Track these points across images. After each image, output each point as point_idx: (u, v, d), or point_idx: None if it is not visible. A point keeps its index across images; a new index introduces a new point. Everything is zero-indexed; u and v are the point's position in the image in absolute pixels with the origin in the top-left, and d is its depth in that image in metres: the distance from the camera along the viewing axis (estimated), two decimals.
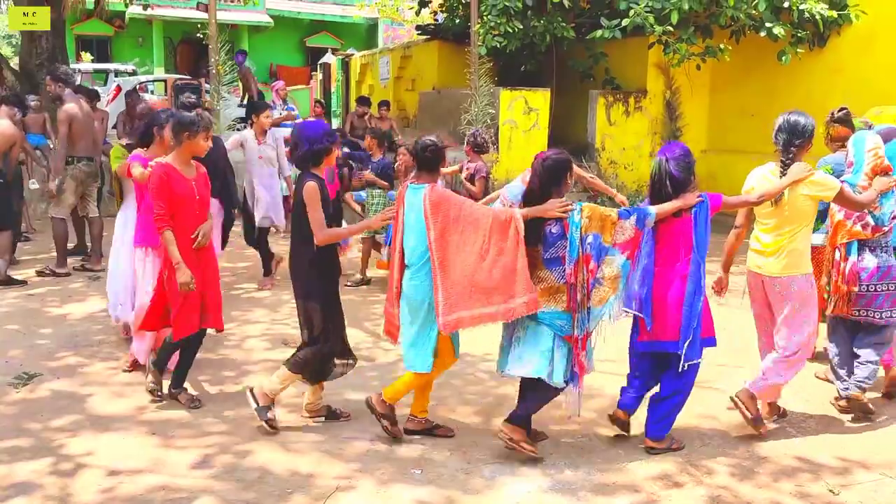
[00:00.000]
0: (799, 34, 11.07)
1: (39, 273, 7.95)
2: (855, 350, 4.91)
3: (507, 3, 11.53)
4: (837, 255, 4.93)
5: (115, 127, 12.29)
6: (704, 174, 4.32)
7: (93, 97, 9.48)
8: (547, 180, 4.13)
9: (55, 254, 8.14)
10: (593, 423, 4.68)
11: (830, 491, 3.98)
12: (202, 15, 15.83)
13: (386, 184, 7.96)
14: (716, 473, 4.13)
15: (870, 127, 5.89)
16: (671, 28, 10.77)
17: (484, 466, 4.14)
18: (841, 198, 4.49)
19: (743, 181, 4.71)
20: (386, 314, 4.51)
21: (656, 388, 4.43)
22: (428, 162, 4.32)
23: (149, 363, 5.02)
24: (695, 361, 4.24)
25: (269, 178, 7.77)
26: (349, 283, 7.83)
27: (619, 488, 3.96)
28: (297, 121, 11.70)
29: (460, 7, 15.17)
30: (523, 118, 12.29)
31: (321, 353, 4.47)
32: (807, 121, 4.42)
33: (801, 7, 10.64)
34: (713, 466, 4.20)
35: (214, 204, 5.96)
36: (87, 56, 26.10)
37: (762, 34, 10.91)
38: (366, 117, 13.05)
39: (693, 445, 4.45)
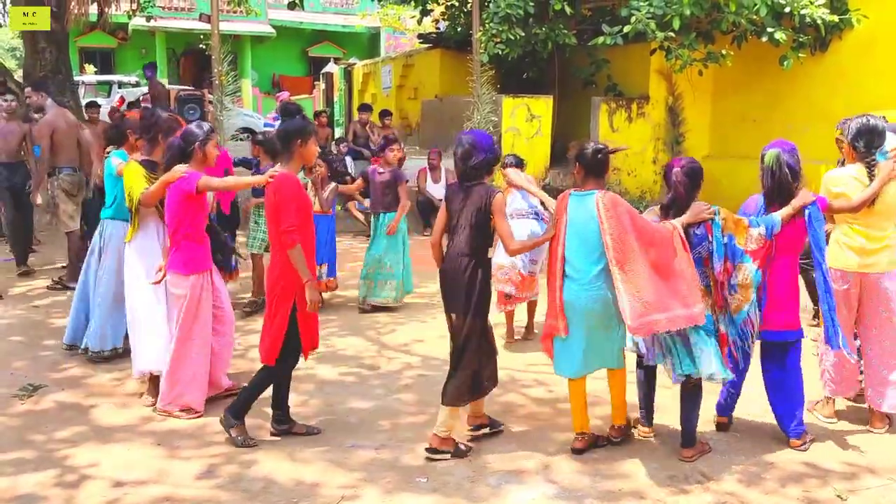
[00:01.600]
0: (800, 39, 11.07)
1: (51, 287, 7.96)
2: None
3: (508, 11, 11.56)
4: None
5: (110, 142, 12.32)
6: (708, 180, 4.32)
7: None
8: (690, 186, 4.27)
9: (63, 265, 8.17)
10: (598, 430, 4.66)
11: (838, 496, 3.95)
12: (205, 26, 15.87)
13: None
14: (723, 479, 4.11)
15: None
16: (673, 34, 10.78)
17: (489, 474, 4.13)
18: None
19: (746, 186, 4.72)
20: (549, 329, 4.35)
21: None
22: (596, 167, 4.28)
23: (226, 419, 4.45)
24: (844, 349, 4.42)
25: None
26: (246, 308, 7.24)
27: (626, 495, 3.94)
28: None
29: (462, 15, 15.21)
30: (526, 125, 12.31)
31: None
32: (882, 122, 4.65)
33: (803, 12, 10.64)
34: (720, 472, 4.18)
35: None
36: (90, 68, 26.21)
37: (764, 39, 10.91)
38: (367, 126, 13.08)
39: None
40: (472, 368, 4.30)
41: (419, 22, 17.11)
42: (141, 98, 16.43)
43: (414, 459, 4.28)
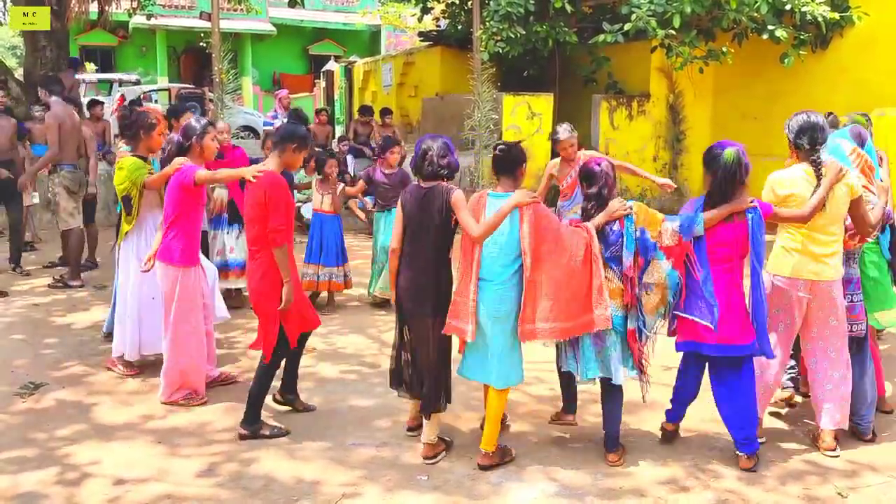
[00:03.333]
0: (801, 36, 11.07)
1: (52, 285, 7.97)
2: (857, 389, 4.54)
3: (509, 9, 11.55)
4: None
5: (117, 136, 12.34)
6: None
7: (76, 105, 9.40)
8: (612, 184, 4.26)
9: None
10: (599, 428, 4.66)
11: (839, 494, 3.96)
12: (205, 24, 15.88)
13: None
14: (723, 477, 4.12)
15: (868, 121, 5.90)
16: (673, 32, 10.78)
17: (490, 473, 4.13)
18: (857, 206, 4.30)
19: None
20: (452, 330, 4.17)
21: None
22: (506, 165, 4.20)
23: (249, 427, 4.52)
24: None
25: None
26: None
27: (626, 493, 3.94)
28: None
29: (462, 13, 15.20)
30: (526, 123, 12.30)
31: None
32: (824, 119, 4.36)
33: (804, 9, 10.64)
34: (720, 470, 4.19)
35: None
36: (90, 66, 26.20)
37: (765, 37, 10.92)
38: (370, 123, 13.10)
39: (700, 449, 4.43)
40: (443, 369, 4.28)
41: (420, 20, 17.08)
42: (142, 95, 16.41)
43: (414, 457, 4.28)
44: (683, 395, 4.45)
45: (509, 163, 4.19)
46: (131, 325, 5.43)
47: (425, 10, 16.02)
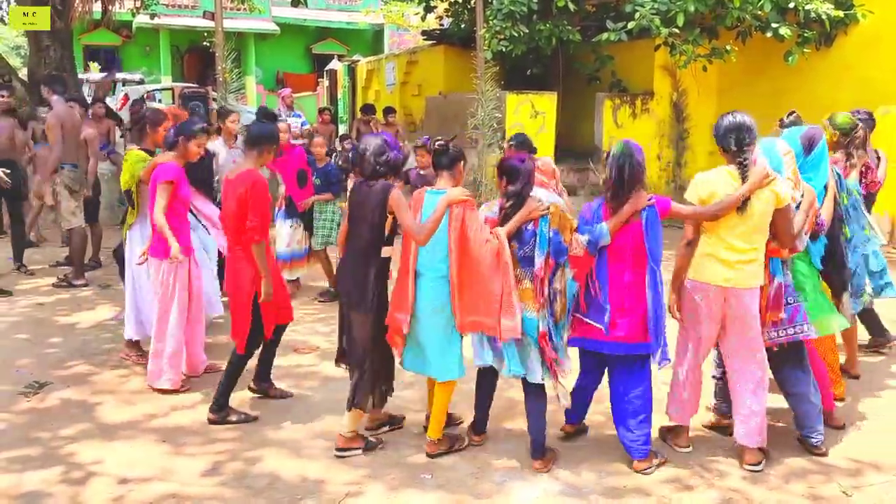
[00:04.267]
0: (805, 34, 11.04)
1: (56, 284, 7.98)
2: (796, 394, 4.37)
3: (512, 8, 11.55)
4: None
5: (122, 136, 12.35)
6: None
7: (83, 105, 9.43)
8: (528, 181, 4.12)
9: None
10: (602, 427, 4.66)
11: (843, 492, 3.95)
12: (209, 23, 15.86)
13: (329, 195, 7.56)
14: (727, 476, 4.11)
15: (871, 119, 5.88)
16: (677, 30, 10.76)
17: (494, 471, 4.13)
18: (782, 215, 4.07)
19: None
20: (393, 322, 4.25)
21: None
22: (444, 161, 4.24)
23: (218, 412, 4.72)
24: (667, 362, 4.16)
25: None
26: (321, 298, 7.64)
27: (630, 492, 3.94)
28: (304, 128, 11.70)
29: (465, 12, 15.20)
30: (530, 122, 12.29)
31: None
32: (750, 117, 4.13)
33: (808, 7, 10.61)
34: (724, 469, 4.18)
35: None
36: (94, 66, 26.23)
37: (768, 35, 10.89)
38: (371, 123, 13.08)
39: (703, 448, 4.42)
40: (374, 369, 4.29)
41: (423, 19, 17.09)
42: (145, 95, 16.45)
43: (418, 456, 4.29)
44: (582, 395, 4.42)
45: (447, 159, 4.23)
46: (136, 307, 5.71)
47: (428, 9, 16.01)
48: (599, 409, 4.72)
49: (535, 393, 4.17)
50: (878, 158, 5.95)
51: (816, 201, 4.35)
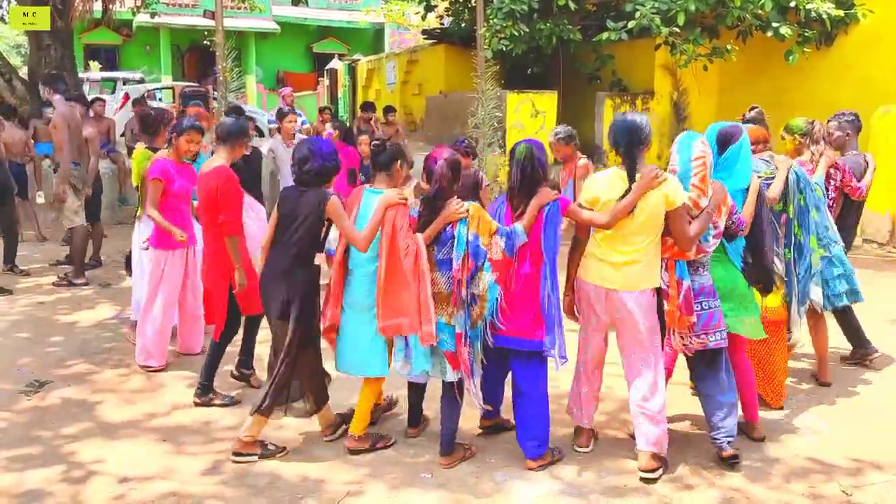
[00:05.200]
0: (806, 34, 11.04)
1: (57, 283, 7.98)
2: (707, 395, 4.25)
3: (512, 7, 11.55)
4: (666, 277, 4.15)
5: (122, 135, 12.36)
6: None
7: (84, 104, 9.43)
8: (452, 179, 4.09)
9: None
10: (603, 426, 4.67)
11: (843, 492, 3.95)
12: (209, 22, 15.89)
13: None
14: (728, 475, 4.11)
15: (857, 120, 5.68)
16: (678, 29, 10.76)
17: (494, 470, 4.13)
18: (677, 215, 3.94)
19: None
20: (331, 316, 4.28)
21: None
22: (381, 162, 4.25)
23: (203, 396, 4.97)
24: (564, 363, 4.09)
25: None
26: None
27: (631, 491, 3.94)
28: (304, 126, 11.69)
29: (466, 11, 15.21)
30: (531, 121, 12.30)
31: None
32: (643, 119, 4.07)
33: (808, 6, 10.61)
34: (725, 468, 4.18)
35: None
36: (95, 65, 26.24)
37: (769, 34, 10.89)
38: (371, 121, 13.07)
39: (704, 448, 4.42)
40: (285, 378, 4.26)
41: (423, 18, 17.09)
42: (146, 94, 16.44)
43: (419, 455, 4.29)
44: (491, 394, 4.36)
45: (385, 159, 4.24)
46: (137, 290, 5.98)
47: (429, 8, 16.02)
48: (600, 408, 4.72)
49: (449, 395, 4.15)
50: (866, 163, 5.71)
51: (728, 201, 4.12)
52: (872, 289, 7.79)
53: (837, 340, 5.73)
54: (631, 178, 3.96)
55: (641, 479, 4.03)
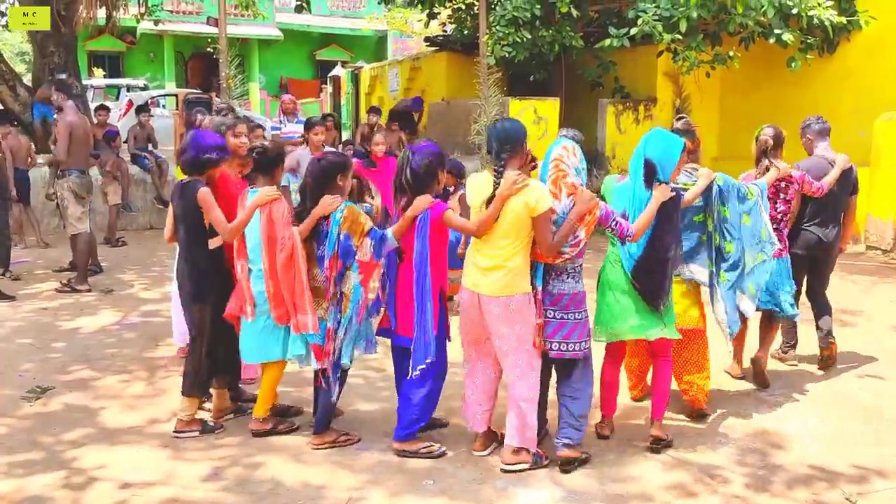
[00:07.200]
0: (808, 41, 11.05)
1: (60, 289, 7.99)
2: (560, 395, 4.29)
3: (515, 14, 11.58)
4: None
5: (126, 142, 12.39)
6: None
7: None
8: (321, 180, 4.27)
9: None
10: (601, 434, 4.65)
11: (847, 499, 3.93)
12: (213, 30, 15.91)
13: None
14: (730, 482, 4.10)
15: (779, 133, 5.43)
16: (680, 36, 10.77)
17: (496, 477, 4.12)
18: (541, 222, 3.93)
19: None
20: (238, 313, 4.49)
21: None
22: (261, 166, 4.44)
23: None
24: (429, 361, 4.17)
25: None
26: None
27: (633, 498, 3.93)
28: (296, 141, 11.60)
29: (469, 18, 15.24)
30: (533, 128, 12.30)
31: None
32: (515, 125, 4.17)
33: (811, 13, 10.62)
34: (727, 475, 4.17)
35: None
36: (98, 72, 26.34)
37: (771, 41, 10.90)
38: (374, 127, 13.07)
39: (707, 454, 4.41)
40: (197, 357, 4.56)
41: (426, 25, 17.15)
42: (149, 101, 16.49)
43: (421, 462, 4.28)
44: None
45: (265, 163, 4.45)
46: (177, 314, 5.64)
47: (431, 16, 16.07)
48: (599, 416, 4.71)
49: (319, 382, 4.40)
50: (831, 164, 5.54)
51: (596, 212, 4.03)
52: (875, 295, 7.79)
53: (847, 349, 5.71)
54: (496, 184, 3.98)
55: (502, 470, 4.13)
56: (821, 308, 5.79)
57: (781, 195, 5.34)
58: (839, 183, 5.52)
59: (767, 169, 5.22)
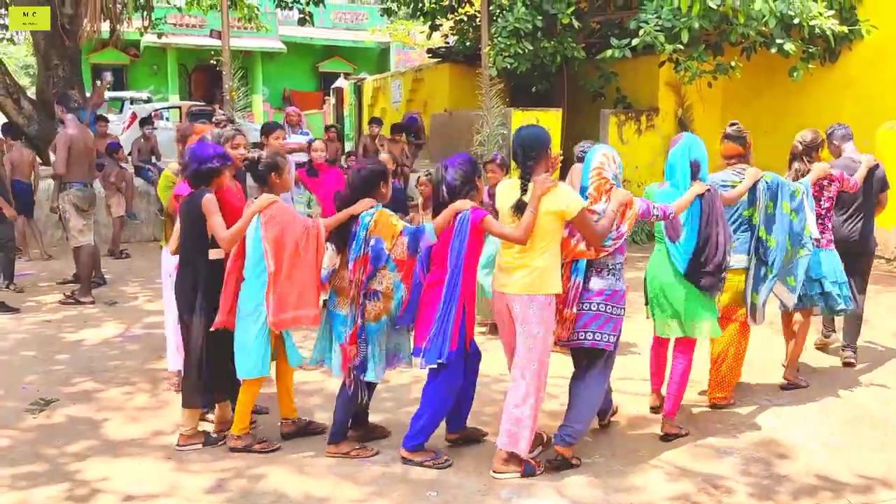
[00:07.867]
0: (810, 50, 11.06)
1: (63, 301, 7.99)
2: (572, 393, 4.41)
3: (517, 25, 11.60)
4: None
5: (129, 154, 12.44)
6: None
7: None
8: (363, 189, 4.31)
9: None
10: (610, 444, 4.64)
11: None
12: (216, 42, 16.01)
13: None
14: (735, 493, 4.08)
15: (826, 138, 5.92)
16: (682, 46, 10.78)
17: (500, 487, 4.11)
18: (580, 220, 4.06)
19: None
20: (226, 325, 4.46)
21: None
22: (256, 175, 4.48)
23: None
24: (434, 364, 4.17)
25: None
26: None
27: None
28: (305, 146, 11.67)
29: (471, 30, 15.28)
30: None
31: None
32: (538, 131, 4.23)
33: (812, 23, 10.62)
34: (732, 486, 4.15)
35: None
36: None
37: (773, 51, 10.90)
38: (377, 139, 13.10)
39: (711, 464, 4.40)
40: (196, 370, 4.54)
41: (428, 37, 17.20)
42: (153, 113, 16.55)
43: (424, 473, 4.27)
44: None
45: (259, 172, 4.47)
46: (170, 335, 5.46)
47: (434, 28, 16.11)
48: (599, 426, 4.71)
49: (345, 387, 4.36)
50: (858, 162, 5.98)
51: (635, 207, 4.24)
52: (879, 304, 7.77)
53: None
54: (524, 189, 4.06)
55: (493, 476, 4.17)
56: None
57: (825, 193, 5.64)
58: (866, 181, 5.90)
59: (797, 171, 5.61)
